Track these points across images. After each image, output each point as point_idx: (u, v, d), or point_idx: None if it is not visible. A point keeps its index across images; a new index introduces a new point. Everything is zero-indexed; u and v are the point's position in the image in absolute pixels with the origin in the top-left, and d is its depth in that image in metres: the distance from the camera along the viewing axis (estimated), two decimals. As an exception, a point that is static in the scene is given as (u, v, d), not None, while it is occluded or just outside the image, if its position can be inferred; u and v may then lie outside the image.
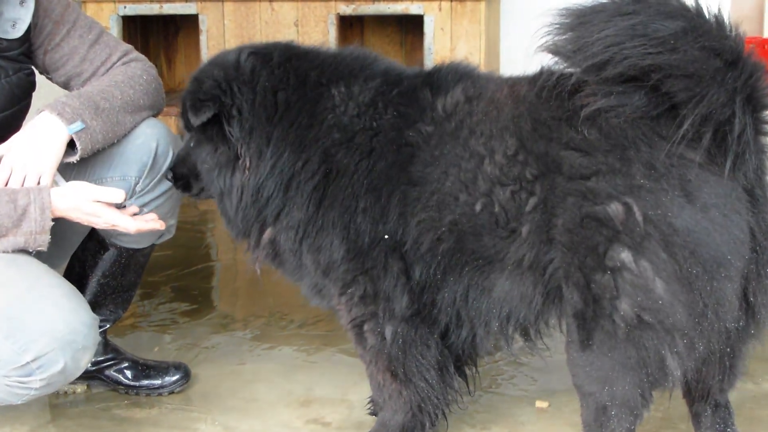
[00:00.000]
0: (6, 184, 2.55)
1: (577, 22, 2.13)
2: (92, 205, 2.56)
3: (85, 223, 2.62)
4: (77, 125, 2.61)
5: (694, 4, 2.13)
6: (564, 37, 2.15)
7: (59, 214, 2.53)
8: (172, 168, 2.73)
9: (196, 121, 2.55)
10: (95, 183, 2.77)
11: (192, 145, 2.65)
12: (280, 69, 2.57)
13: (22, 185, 2.54)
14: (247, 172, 2.55)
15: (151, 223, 2.65)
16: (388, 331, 2.52)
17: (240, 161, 2.55)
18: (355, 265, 2.50)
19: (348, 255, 2.49)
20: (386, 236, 2.44)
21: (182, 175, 2.70)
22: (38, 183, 2.55)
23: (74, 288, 2.56)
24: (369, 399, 2.81)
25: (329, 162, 2.48)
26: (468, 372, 2.74)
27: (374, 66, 2.58)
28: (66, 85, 2.86)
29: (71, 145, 2.61)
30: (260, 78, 2.55)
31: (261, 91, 2.54)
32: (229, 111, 2.53)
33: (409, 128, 2.44)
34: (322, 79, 2.55)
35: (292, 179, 2.51)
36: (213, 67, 2.61)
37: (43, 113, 2.61)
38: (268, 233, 2.60)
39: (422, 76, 2.53)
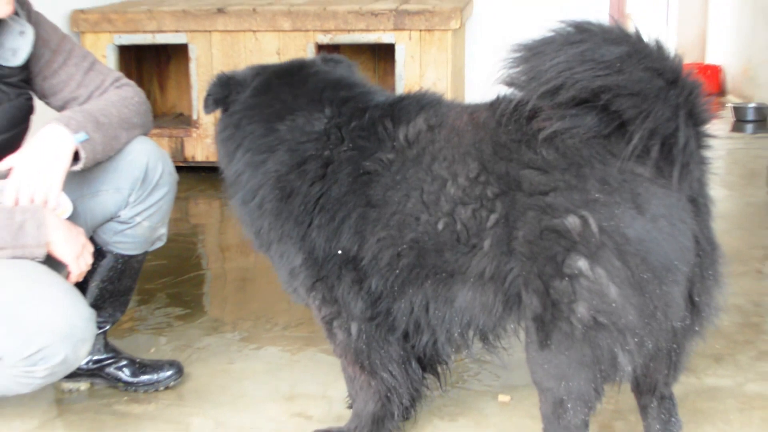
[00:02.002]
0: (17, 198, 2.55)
1: (530, 54, 2.14)
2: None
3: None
4: (82, 135, 2.62)
5: (634, 31, 2.14)
6: (518, 69, 2.15)
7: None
8: None
9: (205, 112, 2.67)
10: (92, 194, 2.82)
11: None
12: (254, 96, 2.61)
13: (31, 198, 2.54)
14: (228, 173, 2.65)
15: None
16: (354, 328, 2.53)
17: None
18: (312, 272, 2.51)
19: (305, 263, 2.51)
20: (339, 251, 2.45)
21: None
22: (46, 191, 2.56)
23: (72, 285, 2.55)
24: (347, 395, 2.80)
25: (281, 182, 2.50)
26: (439, 369, 2.74)
27: (335, 94, 2.58)
28: (62, 109, 2.85)
29: (75, 156, 2.62)
30: (239, 99, 2.62)
31: (231, 115, 2.62)
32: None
33: (367, 158, 2.44)
34: (277, 110, 2.57)
35: (247, 193, 2.55)
36: (231, 74, 2.67)
37: (50, 125, 2.62)
38: (244, 230, 2.65)
39: (384, 108, 2.52)
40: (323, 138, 2.49)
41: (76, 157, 2.63)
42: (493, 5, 6.07)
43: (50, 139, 2.60)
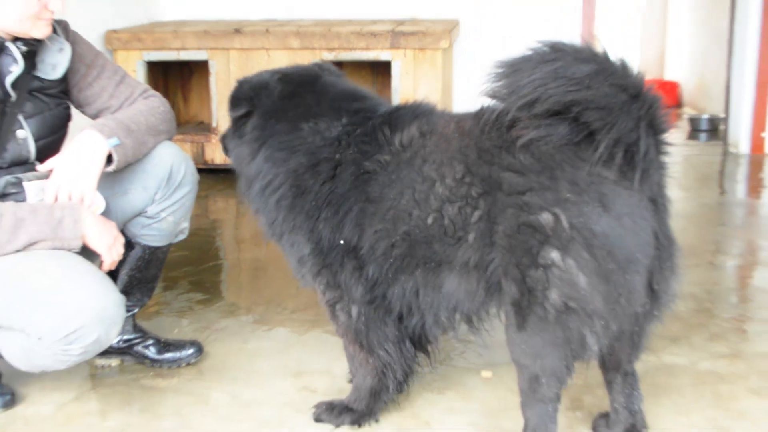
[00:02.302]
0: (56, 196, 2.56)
1: (510, 70, 2.13)
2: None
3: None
4: (114, 140, 2.62)
5: (602, 51, 2.14)
6: (500, 83, 2.15)
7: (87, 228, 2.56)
8: (222, 137, 2.76)
9: (231, 114, 2.62)
10: (123, 192, 2.81)
11: (229, 128, 2.70)
12: (281, 99, 2.58)
13: (69, 196, 2.55)
14: (246, 167, 2.60)
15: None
16: (354, 311, 2.53)
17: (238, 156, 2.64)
18: (318, 260, 2.51)
19: (313, 252, 2.51)
20: (342, 242, 2.45)
21: (225, 145, 2.75)
22: (82, 190, 2.56)
23: (104, 274, 2.55)
24: (348, 370, 2.79)
25: (297, 180, 2.49)
26: (429, 348, 2.73)
27: (351, 105, 2.56)
28: (96, 117, 2.86)
29: (108, 158, 2.63)
30: (267, 102, 2.58)
31: (260, 115, 2.57)
32: (249, 116, 2.59)
33: (367, 160, 2.44)
34: (301, 114, 2.54)
35: (265, 187, 2.53)
36: (256, 77, 2.66)
37: (86, 131, 2.62)
38: (259, 220, 2.62)
39: (384, 116, 2.51)
40: (336, 143, 2.49)
41: (109, 160, 2.64)
42: (478, 27, 6.06)
43: (86, 144, 2.60)
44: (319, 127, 2.51)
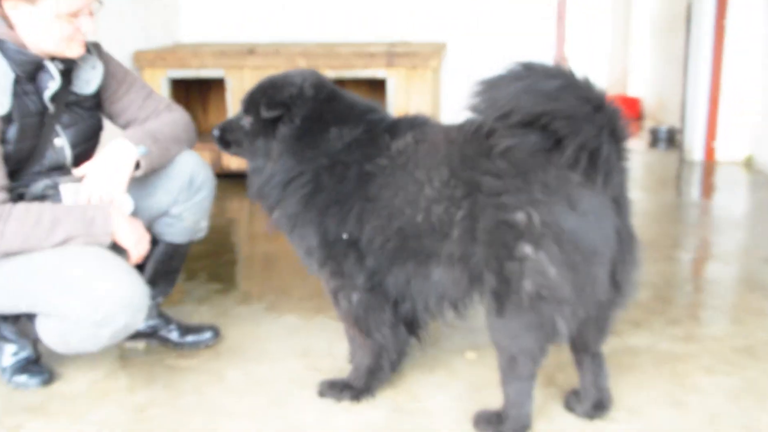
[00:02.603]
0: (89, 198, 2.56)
1: (488, 87, 2.13)
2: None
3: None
4: (143, 149, 2.62)
5: (568, 69, 2.14)
6: (479, 98, 2.14)
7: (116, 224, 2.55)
8: (221, 131, 2.63)
9: (266, 114, 2.50)
10: (149, 195, 2.80)
11: (247, 125, 2.56)
12: (317, 105, 2.51)
13: (101, 198, 2.54)
14: (265, 161, 2.54)
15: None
16: (354, 298, 2.52)
17: (264, 152, 2.54)
18: (325, 251, 2.49)
19: (320, 244, 2.49)
20: (345, 235, 2.44)
21: (225, 139, 2.62)
22: (113, 193, 2.56)
23: (132, 267, 2.54)
24: (349, 352, 2.79)
25: (317, 178, 2.46)
26: (419, 332, 2.73)
27: (367, 116, 2.53)
28: (125, 128, 2.85)
29: (136, 164, 2.63)
30: (305, 106, 2.50)
31: (299, 117, 2.49)
32: (285, 119, 2.50)
33: (370, 163, 2.43)
34: (332, 119, 2.50)
35: (290, 182, 2.49)
36: (287, 82, 2.54)
37: (117, 140, 2.62)
38: (275, 213, 2.57)
39: (386, 126, 2.50)
40: (349, 147, 2.47)
41: (137, 166, 2.63)
42: (463, 49, 6.06)
43: (117, 151, 2.60)
44: (342, 133, 2.48)
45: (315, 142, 2.48)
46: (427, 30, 6.09)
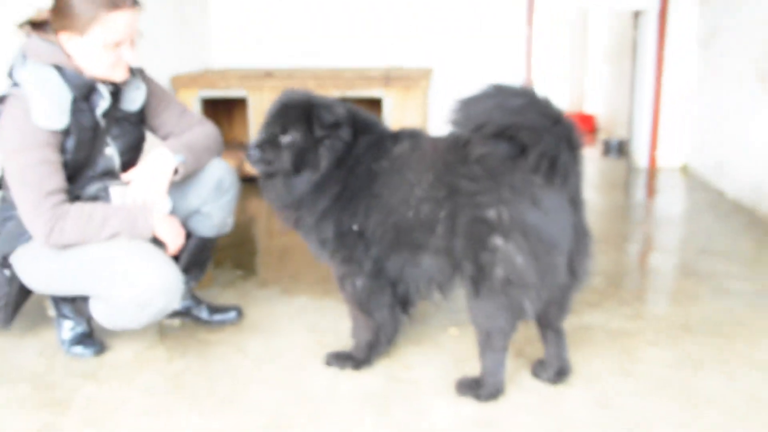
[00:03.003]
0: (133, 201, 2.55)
1: (465, 104, 2.14)
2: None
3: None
4: (180, 157, 2.62)
5: (531, 89, 2.14)
6: (458, 114, 2.15)
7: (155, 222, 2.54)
8: (261, 151, 2.43)
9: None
10: (183, 196, 2.79)
11: (295, 142, 2.40)
12: (353, 120, 2.47)
13: (144, 200, 2.54)
14: (311, 171, 2.43)
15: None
16: (359, 284, 2.51)
17: (312, 163, 2.43)
18: (338, 241, 2.48)
19: (335, 235, 2.48)
20: (355, 226, 2.43)
21: (265, 159, 2.44)
22: (154, 195, 2.56)
23: (169, 257, 2.53)
24: (352, 329, 2.78)
25: (345, 178, 2.43)
26: (410, 311, 2.71)
27: (378, 126, 2.53)
28: (165, 139, 2.83)
29: (174, 170, 2.62)
30: (348, 122, 2.44)
31: (347, 132, 2.44)
32: (334, 135, 2.42)
33: (375, 164, 2.42)
34: (360, 130, 2.47)
35: (325, 184, 2.43)
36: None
37: (158, 149, 2.62)
38: (301, 212, 2.51)
39: (391, 136, 2.50)
40: (366, 151, 2.44)
41: (175, 172, 2.63)
42: (446, 73, 6.07)
43: (159, 159, 2.60)
44: (368, 141, 2.47)
45: (350, 149, 2.46)
46: (417, 57, 6.11)
